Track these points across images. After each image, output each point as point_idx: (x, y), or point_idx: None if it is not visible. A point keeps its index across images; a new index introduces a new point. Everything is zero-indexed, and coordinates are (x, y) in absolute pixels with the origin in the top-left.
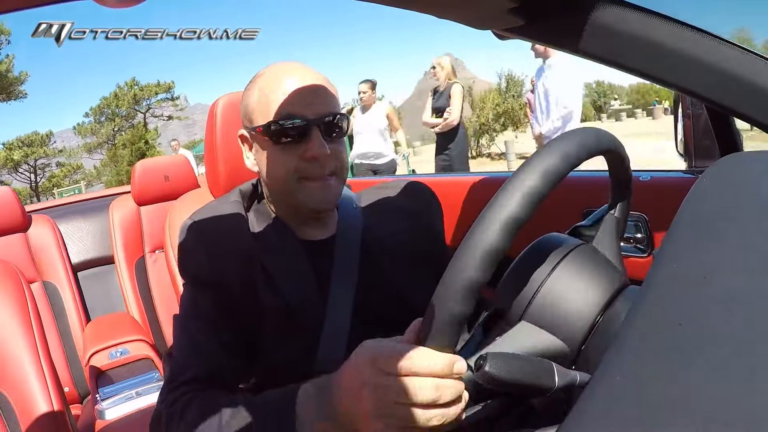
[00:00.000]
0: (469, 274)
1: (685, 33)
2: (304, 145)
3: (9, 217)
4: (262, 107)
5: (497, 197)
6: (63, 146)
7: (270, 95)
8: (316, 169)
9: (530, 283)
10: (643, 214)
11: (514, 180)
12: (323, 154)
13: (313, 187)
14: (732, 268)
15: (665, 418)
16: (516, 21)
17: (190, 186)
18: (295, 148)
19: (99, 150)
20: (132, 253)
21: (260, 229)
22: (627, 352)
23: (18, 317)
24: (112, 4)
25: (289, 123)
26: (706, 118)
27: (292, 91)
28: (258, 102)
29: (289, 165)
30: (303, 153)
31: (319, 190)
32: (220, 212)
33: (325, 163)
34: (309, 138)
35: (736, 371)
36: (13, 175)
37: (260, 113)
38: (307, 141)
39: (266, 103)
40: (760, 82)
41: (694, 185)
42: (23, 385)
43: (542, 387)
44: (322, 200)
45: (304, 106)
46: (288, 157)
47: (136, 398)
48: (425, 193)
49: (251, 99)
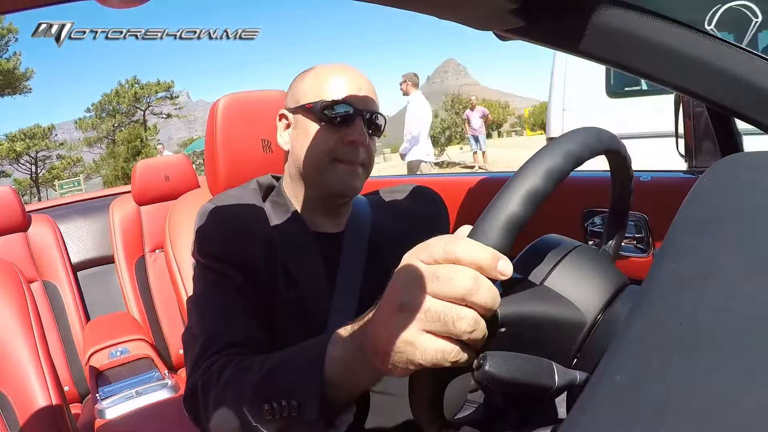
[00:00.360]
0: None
1: (685, 33)
2: (347, 129)
3: (9, 216)
4: (314, 88)
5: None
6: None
7: (324, 79)
8: (352, 154)
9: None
10: (643, 214)
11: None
12: (363, 141)
13: (343, 169)
14: (732, 268)
15: (665, 418)
16: (517, 22)
17: (190, 186)
18: (337, 130)
19: (99, 144)
20: (132, 253)
21: (276, 219)
22: (627, 352)
23: (18, 317)
24: (115, 5)
25: (339, 106)
26: (706, 118)
27: (347, 81)
28: (312, 84)
29: (328, 144)
30: (344, 136)
31: (348, 174)
32: (240, 199)
33: (360, 151)
34: (353, 124)
35: (736, 371)
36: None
37: (310, 94)
38: (351, 126)
39: (319, 86)
40: (760, 82)
41: (695, 185)
42: (23, 384)
43: (542, 386)
44: (348, 185)
45: (354, 97)
46: (329, 137)
47: (135, 397)
48: (434, 199)
49: (304, 82)
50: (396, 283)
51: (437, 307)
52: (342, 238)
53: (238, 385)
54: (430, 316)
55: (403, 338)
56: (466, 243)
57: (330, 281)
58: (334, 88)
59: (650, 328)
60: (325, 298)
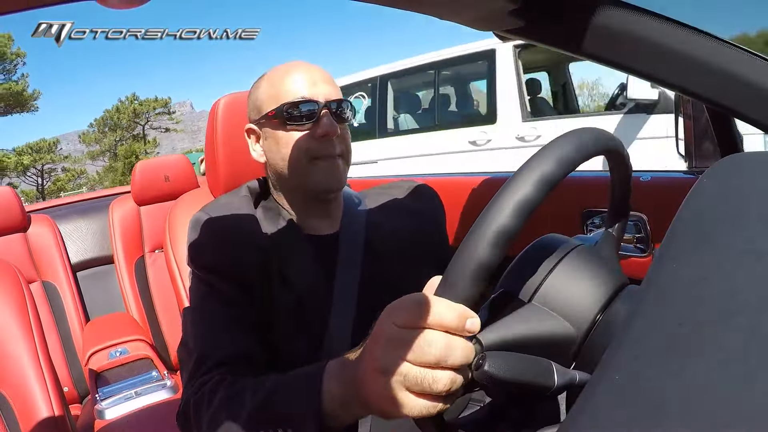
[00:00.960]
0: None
1: (685, 34)
2: (315, 125)
3: (9, 217)
4: (272, 95)
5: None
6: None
7: (279, 83)
8: (328, 148)
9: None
10: (643, 214)
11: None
12: (334, 132)
13: (323, 166)
14: (732, 269)
15: (665, 418)
16: (517, 23)
17: (190, 186)
18: (306, 129)
19: (101, 158)
20: (131, 253)
21: (269, 225)
22: (627, 352)
23: (17, 317)
24: (115, 5)
25: (301, 105)
26: (706, 118)
27: (302, 78)
28: (268, 92)
29: (301, 145)
30: (314, 132)
31: (329, 169)
32: (231, 207)
33: (335, 143)
34: (320, 118)
35: (736, 371)
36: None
37: (270, 101)
38: (318, 121)
39: (276, 91)
40: (760, 82)
41: (694, 186)
42: (23, 385)
43: (541, 386)
44: (332, 180)
45: (313, 92)
46: (300, 138)
47: (135, 398)
48: (429, 195)
49: (260, 91)
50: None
51: (414, 373)
52: (337, 239)
53: (231, 411)
54: (409, 381)
55: (387, 397)
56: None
57: (327, 283)
58: (290, 89)
59: (650, 328)
60: (323, 300)
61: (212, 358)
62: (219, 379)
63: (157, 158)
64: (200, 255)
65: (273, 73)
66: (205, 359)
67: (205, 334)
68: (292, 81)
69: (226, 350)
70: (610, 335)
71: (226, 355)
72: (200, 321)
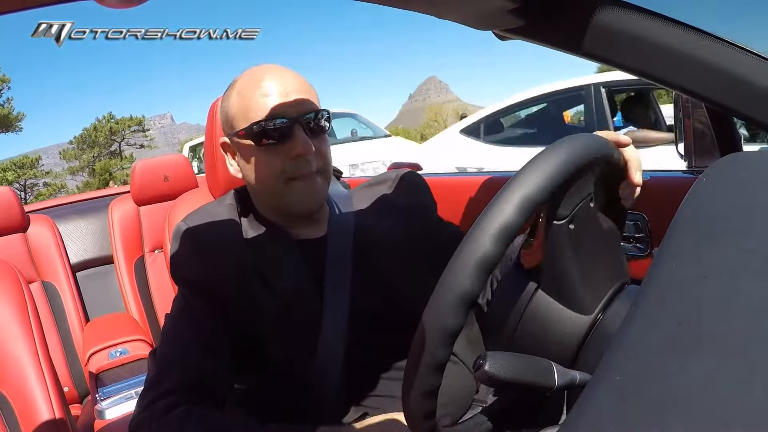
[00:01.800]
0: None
1: (685, 33)
2: (289, 143)
3: (8, 217)
4: (242, 111)
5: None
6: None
7: (249, 97)
8: (304, 167)
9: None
10: (643, 214)
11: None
12: (309, 150)
13: (300, 187)
14: (732, 268)
15: (665, 418)
16: (516, 21)
17: (189, 186)
18: (279, 148)
19: (81, 173)
20: (131, 253)
21: (254, 232)
22: (627, 352)
23: (17, 318)
24: (115, 5)
25: (272, 123)
26: (706, 118)
27: (272, 91)
28: (237, 106)
29: (275, 166)
30: (288, 152)
31: (307, 190)
32: (214, 216)
33: (311, 161)
34: (293, 136)
35: (736, 371)
36: None
37: (241, 117)
38: (292, 139)
39: (246, 106)
40: (760, 82)
41: (694, 185)
42: (23, 385)
43: (542, 386)
44: (311, 200)
45: (285, 105)
46: (274, 158)
47: (135, 398)
48: (416, 184)
49: (230, 104)
50: None
51: None
52: (325, 242)
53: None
54: None
55: None
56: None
57: (317, 285)
58: (260, 103)
59: (650, 328)
60: (313, 303)
61: (172, 379)
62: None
63: (157, 158)
64: (179, 269)
65: (243, 83)
66: (165, 378)
67: (172, 354)
68: (262, 94)
69: (187, 375)
70: (610, 335)
71: (186, 380)
72: (172, 337)
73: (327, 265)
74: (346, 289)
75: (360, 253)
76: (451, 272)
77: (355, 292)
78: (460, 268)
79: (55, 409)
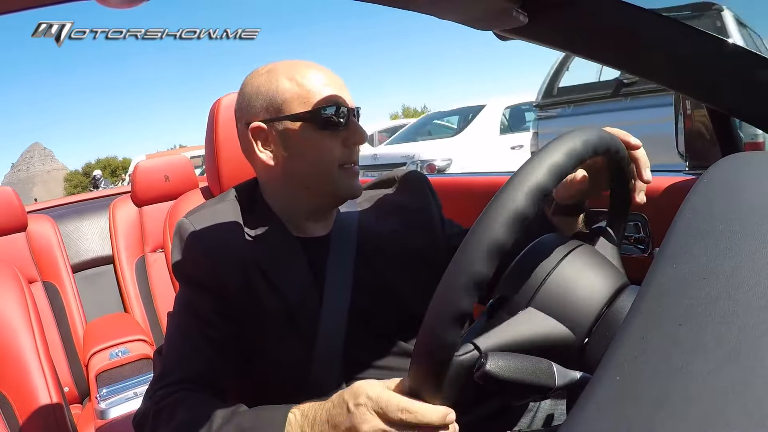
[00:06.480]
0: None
1: (685, 34)
2: (345, 131)
3: (9, 217)
4: (301, 96)
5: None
6: None
7: (307, 84)
8: (354, 155)
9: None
10: (643, 214)
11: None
12: (365, 139)
13: (348, 174)
14: (731, 268)
15: (665, 418)
16: (517, 22)
17: (190, 186)
18: (341, 134)
19: None
20: (132, 253)
21: (256, 229)
22: (627, 352)
23: (18, 318)
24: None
25: (339, 110)
26: (706, 118)
27: (330, 82)
28: (294, 91)
29: (335, 151)
30: (346, 139)
31: (353, 178)
32: (215, 213)
33: (357, 151)
34: (350, 125)
35: (736, 371)
36: None
37: (298, 102)
38: (349, 127)
39: (308, 92)
40: (760, 82)
41: (695, 185)
42: (23, 385)
43: (542, 386)
44: (355, 188)
45: (340, 97)
46: (333, 144)
47: (136, 398)
48: (418, 184)
49: (281, 89)
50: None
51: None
52: (329, 241)
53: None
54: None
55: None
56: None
57: (317, 284)
58: (323, 90)
59: (650, 327)
60: (313, 301)
61: (177, 373)
62: (183, 395)
63: (157, 158)
64: (181, 266)
65: (291, 72)
66: (170, 372)
67: (176, 348)
68: (322, 83)
69: (191, 369)
70: (610, 335)
71: (190, 373)
72: (176, 332)
73: (329, 264)
74: (347, 288)
75: (362, 254)
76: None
77: (355, 292)
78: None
79: (56, 409)
